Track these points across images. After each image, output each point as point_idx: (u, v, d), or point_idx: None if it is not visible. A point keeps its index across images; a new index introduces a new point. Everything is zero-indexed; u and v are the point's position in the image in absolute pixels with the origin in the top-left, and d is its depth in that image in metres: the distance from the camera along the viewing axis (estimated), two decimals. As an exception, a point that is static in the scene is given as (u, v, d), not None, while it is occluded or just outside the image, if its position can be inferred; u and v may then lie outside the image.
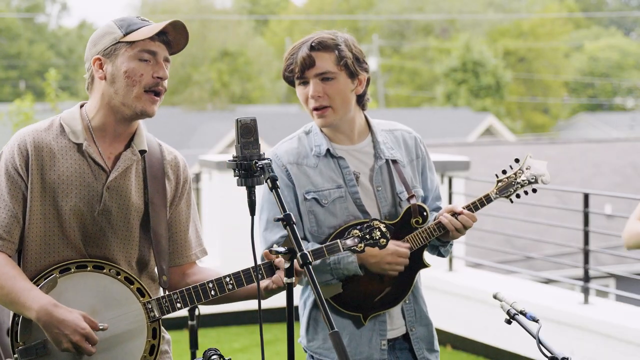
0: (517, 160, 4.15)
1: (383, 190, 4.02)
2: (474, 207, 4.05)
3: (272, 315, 7.66)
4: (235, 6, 66.05)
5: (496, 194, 4.10)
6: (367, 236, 3.67)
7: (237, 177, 3.27)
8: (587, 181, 24.38)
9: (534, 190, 4.15)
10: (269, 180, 3.21)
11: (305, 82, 3.95)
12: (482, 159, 20.52)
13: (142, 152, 3.57)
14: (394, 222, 4.00)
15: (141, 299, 3.47)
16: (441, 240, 4.06)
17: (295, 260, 3.21)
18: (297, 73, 3.94)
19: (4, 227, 3.42)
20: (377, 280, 3.98)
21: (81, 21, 76.81)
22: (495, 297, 3.84)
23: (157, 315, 3.47)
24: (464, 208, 4.01)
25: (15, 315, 3.40)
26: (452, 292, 9.33)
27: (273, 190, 3.20)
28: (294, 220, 3.16)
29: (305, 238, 3.97)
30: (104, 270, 3.45)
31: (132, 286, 3.46)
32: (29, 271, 3.46)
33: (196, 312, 4.20)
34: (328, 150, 3.98)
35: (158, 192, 3.57)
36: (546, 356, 3.55)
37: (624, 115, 54.83)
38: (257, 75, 55.92)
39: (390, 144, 4.09)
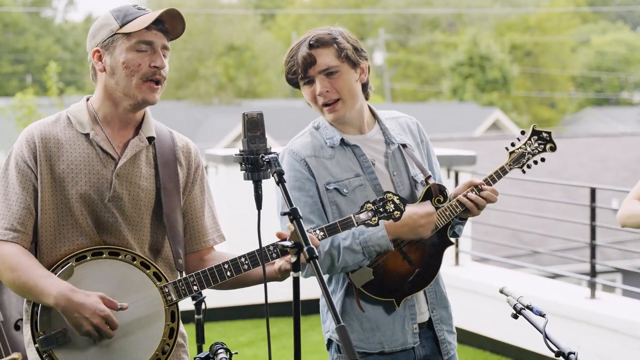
0: (523, 132, 4.24)
1: (398, 175, 4.05)
2: (492, 179, 4.10)
3: (279, 309, 7.67)
4: (241, 0, 65.98)
5: (510, 165, 4.16)
6: (381, 209, 3.68)
7: (244, 171, 3.28)
8: (593, 176, 24.35)
9: (543, 160, 4.21)
10: (275, 175, 3.21)
11: (309, 81, 3.97)
12: (489, 153, 20.50)
13: (151, 138, 3.60)
14: (415, 203, 4.02)
15: (158, 283, 3.49)
16: (460, 217, 4.11)
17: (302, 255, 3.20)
18: (300, 73, 3.96)
19: (18, 219, 3.46)
20: (406, 263, 4.01)
21: (87, 15, 76.80)
22: (501, 291, 3.84)
23: (175, 299, 3.49)
24: (482, 181, 4.06)
25: (34, 305, 3.43)
26: (459, 287, 9.33)
27: (280, 185, 3.19)
28: (300, 214, 3.15)
29: None
30: (120, 257, 3.47)
31: (148, 271, 3.49)
32: (45, 261, 3.49)
33: (203, 306, 4.20)
34: (342, 140, 4.01)
35: (170, 178, 3.60)
36: (553, 351, 3.55)
37: (631, 110, 54.77)
38: (263, 69, 55.91)
39: (397, 130, 4.13)
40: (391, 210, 3.70)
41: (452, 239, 4.14)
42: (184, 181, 3.67)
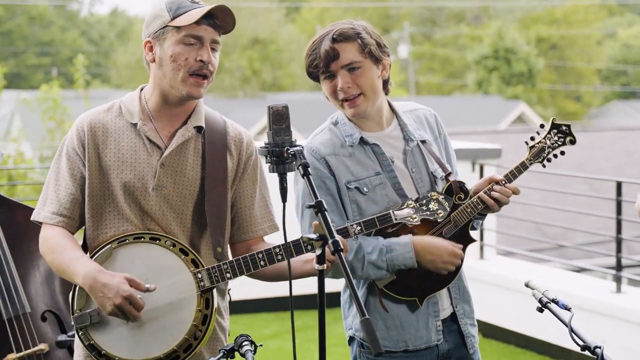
0: (542, 126, 4.18)
1: (418, 172, 4.02)
2: (512, 175, 4.05)
3: (303, 302, 7.67)
4: (266, -7, 66.01)
5: (530, 160, 4.11)
6: (424, 207, 3.69)
7: (269, 164, 3.29)
8: (619, 169, 24.21)
9: (562, 153, 4.16)
10: (300, 167, 3.21)
11: (331, 76, 3.93)
12: (513, 146, 20.43)
13: (199, 128, 3.63)
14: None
15: (192, 269, 3.51)
16: (482, 213, 4.08)
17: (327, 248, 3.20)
18: (322, 67, 3.91)
19: (65, 204, 3.59)
20: None
21: (113, 8, 77.11)
22: (527, 285, 3.83)
23: (207, 285, 3.51)
24: (503, 178, 4.02)
25: (75, 285, 3.53)
26: (484, 280, 9.31)
27: (305, 177, 3.19)
28: (325, 207, 3.15)
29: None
30: (159, 242, 3.53)
31: (186, 257, 3.52)
32: (91, 246, 3.60)
33: (228, 299, 4.20)
34: (361, 138, 3.97)
35: (217, 167, 3.62)
36: (578, 345, 3.54)
37: (658, 103, 54.40)
38: (287, 62, 55.87)
39: (415, 124, 4.09)
40: (434, 209, 3.71)
41: (475, 237, 4.11)
42: (233, 171, 3.69)
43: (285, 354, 8.78)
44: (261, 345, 3.42)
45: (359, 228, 3.62)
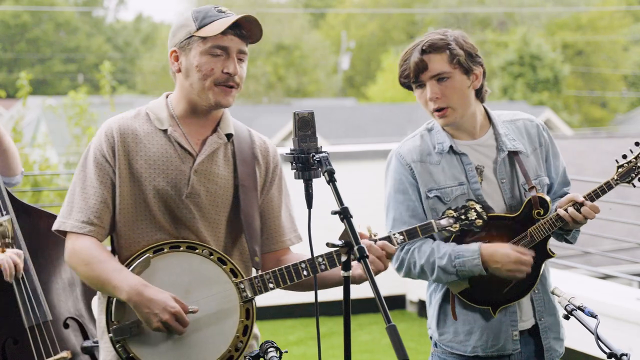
0: (637, 144, 4.04)
1: (507, 182, 4.04)
2: (595, 195, 4.01)
3: (328, 309, 7.66)
4: (290, 0, 66.11)
5: (617, 180, 4.04)
6: (462, 217, 3.71)
7: (294, 170, 3.29)
8: (646, 176, 24.08)
9: None
10: (326, 174, 3.20)
11: (421, 85, 3.99)
12: (539, 153, 20.32)
13: (229, 135, 3.61)
14: (516, 214, 4.01)
15: (234, 279, 3.49)
16: (563, 229, 4.06)
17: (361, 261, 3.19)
18: (412, 78, 3.98)
19: (94, 212, 3.49)
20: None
21: (138, 14, 77.43)
22: (553, 292, 3.83)
23: (250, 296, 3.49)
24: (584, 197, 3.98)
25: (110, 295, 3.45)
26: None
27: (330, 184, 3.18)
28: (351, 213, 3.15)
29: (432, 236, 4.00)
30: (197, 251, 3.48)
31: (224, 266, 3.49)
32: (122, 255, 3.53)
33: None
34: (451, 147, 4.02)
35: (248, 176, 3.60)
36: (605, 352, 3.52)
37: (684, 109, 54.09)
38: (312, 69, 55.95)
39: (512, 135, 4.10)
40: (473, 218, 3.75)
41: (554, 252, 4.09)
42: (262, 180, 3.67)
43: (309, 360, 8.78)
44: (286, 352, 3.42)
45: (401, 237, 3.65)
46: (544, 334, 4.10)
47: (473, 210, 3.74)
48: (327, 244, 3.38)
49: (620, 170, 4.05)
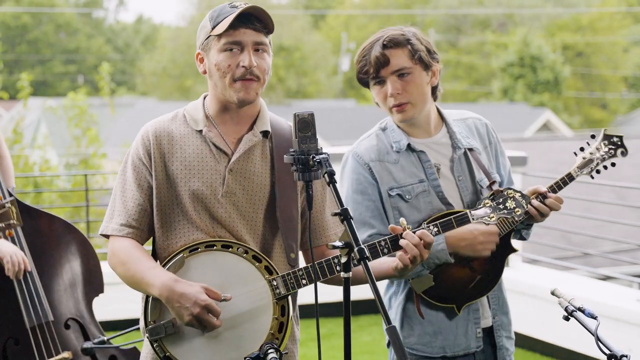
0: (593, 137, 4.11)
1: (464, 180, 4.02)
2: (557, 186, 4.01)
3: (328, 310, 7.68)
4: (290, 1, 66.12)
5: (577, 171, 4.06)
6: (501, 206, 3.68)
7: (295, 172, 3.28)
8: (646, 177, 24.10)
9: (613, 164, 4.12)
10: (326, 175, 3.20)
11: (381, 82, 3.95)
12: (539, 154, 20.34)
13: (265, 132, 3.61)
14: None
15: (267, 276, 3.49)
16: (524, 223, 4.04)
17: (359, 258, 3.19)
18: (372, 73, 3.93)
19: (133, 215, 3.54)
20: (467, 270, 3.98)
21: (138, 16, 77.46)
22: (553, 293, 3.82)
23: (283, 292, 3.49)
24: (547, 189, 3.97)
25: (147, 295, 3.48)
26: (509, 288, 9.19)
27: (330, 185, 3.19)
28: (351, 215, 3.15)
29: None
30: (231, 249, 3.49)
31: (259, 264, 3.49)
32: (161, 256, 3.56)
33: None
34: (408, 145, 3.99)
35: (287, 172, 3.56)
36: (605, 353, 3.52)
37: (684, 111, 54.08)
38: (313, 70, 55.93)
39: (464, 132, 4.10)
40: (512, 207, 3.70)
41: (516, 246, 4.09)
42: None
43: (310, 362, 8.78)
44: (286, 353, 3.42)
45: (435, 230, 3.64)
46: (497, 332, 4.09)
47: (512, 199, 3.68)
48: (327, 246, 3.39)
49: (580, 161, 4.07)
